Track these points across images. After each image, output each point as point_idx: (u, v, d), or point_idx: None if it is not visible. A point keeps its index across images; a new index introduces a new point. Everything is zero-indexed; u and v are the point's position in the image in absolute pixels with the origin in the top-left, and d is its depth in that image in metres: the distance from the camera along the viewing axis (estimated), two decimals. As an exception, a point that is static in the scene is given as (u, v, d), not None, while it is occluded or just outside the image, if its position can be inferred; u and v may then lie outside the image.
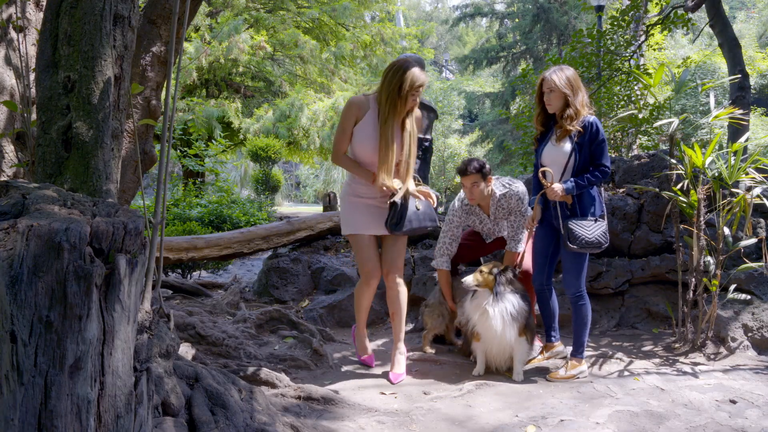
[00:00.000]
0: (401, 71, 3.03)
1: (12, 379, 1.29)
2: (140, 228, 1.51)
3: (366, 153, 3.18)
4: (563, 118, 3.17)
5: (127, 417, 1.49)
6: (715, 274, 3.56)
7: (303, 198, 27.03)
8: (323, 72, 14.19)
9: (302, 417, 2.60)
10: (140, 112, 3.03)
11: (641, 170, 4.75)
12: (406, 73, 3.01)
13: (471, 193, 3.58)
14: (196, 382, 2.33)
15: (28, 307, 1.30)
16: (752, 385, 3.09)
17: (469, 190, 3.57)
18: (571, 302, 3.29)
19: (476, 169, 3.51)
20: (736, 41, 6.66)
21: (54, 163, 1.96)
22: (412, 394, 3.04)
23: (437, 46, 35.27)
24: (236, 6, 13.19)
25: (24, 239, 1.31)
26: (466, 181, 3.55)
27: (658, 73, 3.93)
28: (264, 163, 15.06)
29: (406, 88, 3.02)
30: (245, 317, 4.10)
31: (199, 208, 7.67)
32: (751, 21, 25.13)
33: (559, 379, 3.24)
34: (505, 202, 3.65)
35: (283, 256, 5.20)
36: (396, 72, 3.04)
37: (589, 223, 3.14)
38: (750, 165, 3.52)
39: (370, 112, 3.15)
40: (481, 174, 3.52)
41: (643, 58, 8.61)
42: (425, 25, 17.93)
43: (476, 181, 3.52)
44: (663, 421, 2.63)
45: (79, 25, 1.97)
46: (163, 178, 1.96)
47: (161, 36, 3.02)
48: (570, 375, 3.26)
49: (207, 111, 12.21)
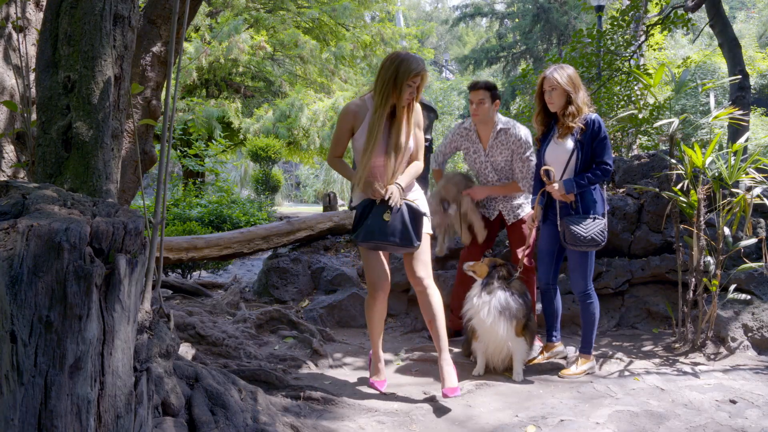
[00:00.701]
0: (398, 60, 2.84)
1: (12, 379, 1.29)
2: (140, 228, 1.51)
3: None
4: (565, 116, 3.17)
5: (127, 417, 1.49)
6: (715, 274, 3.56)
7: (303, 198, 27.02)
8: (323, 72, 14.20)
9: (302, 417, 2.60)
10: (140, 112, 3.03)
11: (641, 170, 4.75)
12: (402, 62, 2.82)
13: (476, 110, 3.55)
14: (196, 382, 2.33)
15: (28, 307, 1.30)
16: (752, 385, 3.09)
17: (475, 106, 3.55)
18: (580, 301, 3.30)
19: (486, 86, 3.53)
20: (736, 41, 6.66)
21: (54, 163, 1.96)
22: (411, 394, 3.04)
23: (437, 46, 35.27)
24: (236, 6, 13.19)
25: (24, 239, 1.31)
26: (474, 97, 3.54)
27: (658, 73, 3.93)
28: (264, 163, 15.07)
29: (402, 78, 2.80)
30: (245, 317, 4.10)
31: (199, 208, 7.67)
32: (751, 21, 25.13)
33: (571, 375, 3.25)
34: (504, 138, 3.60)
35: (283, 256, 5.19)
36: (393, 61, 2.85)
37: (586, 221, 3.15)
38: (750, 165, 3.52)
39: (369, 114, 2.95)
40: (490, 93, 3.53)
41: (643, 58, 8.61)
42: (425, 25, 17.94)
43: (483, 98, 3.52)
44: (663, 421, 2.63)
45: (79, 25, 1.97)
46: (163, 178, 1.96)
47: (161, 36, 3.02)
48: (581, 371, 3.28)
49: (207, 111, 12.21)
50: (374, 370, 3.19)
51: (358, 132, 2.96)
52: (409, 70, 2.80)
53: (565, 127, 3.18)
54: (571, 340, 3.95)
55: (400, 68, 2.81)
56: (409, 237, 2.84)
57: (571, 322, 4.26)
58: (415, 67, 2.82)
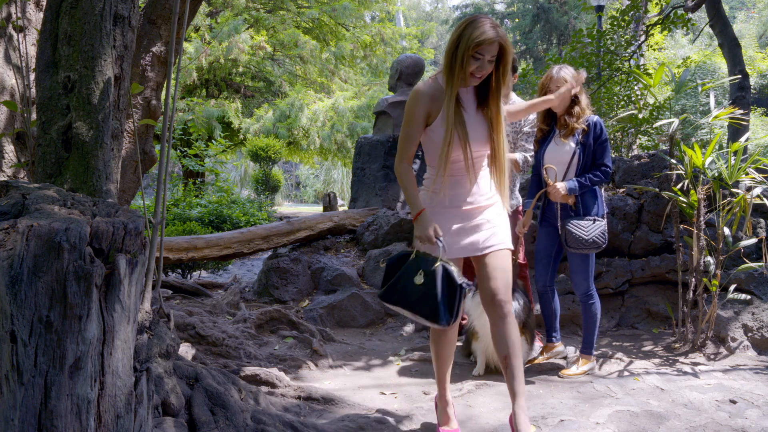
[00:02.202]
0: (465, 23, 2.18)
1: (12, 379, 1.29)
2: (140, 228, 1.51)
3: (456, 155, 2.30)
4: (570, 116, 3.17)
5: (127, 417, 1.49)
6: (715, 274, 3.56)
7: (303, 198, 27.04)
8: (323, 72, 14.21)
9: (302, 417, 2.60)
10: (140, 112, 3.03)
11: (641, 170, 4.75)
12: (468, 26, 2.15)
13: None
14: (196, 382, 2.33)
15: (28, 307, 1.30)
16: (752, 385, 3.09)
17: None
18: (582, 302, 3.30)
19: None
20: (736, 41, 6.66)
21: (54, 163, 1.96)
22: (412, 395, 3.04)
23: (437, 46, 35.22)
24: (236, 6, 13.20)
25: (24, 239, 1.31)
26: None
27: (658, 73, 3.93)
28: (264, 163, 15.07)
29: (464, 45, 2.13)
30: (245, 317, 4.10)
31: (199, 208, 7.67)
32: (751, 21, 25.14)
33: (572, 376, 3.26)
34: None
35: (283, 256, 5.19)
36: (460, 25, 2.20)
37: (587, 223, 3.14)
38: (750, 165, 3.52)
39: None
40: None
41: (643, 58, 8.61)
42: (425, 25, 17.94)
43: None
44: (663, 421, 2.63)
45: (79, 25, 1.97)
46: (163, 178, 1.96)
47: (161, 36, 3.02)
48: (582, 371, 3.28)
49: (207, 111, 12.22)
50: (442, 417, 2.51)
51: (436, 122, 2.28)
52: (471, 38, 2.12)
53: (569, 128, 3.17)
54: (571, 340, 3.95)
55: (464, 35, 2.15)
56: (435, 311, 2.16)
57: (571, 322, 4.26)
58: (479, 35, 2.11)
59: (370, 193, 6.20)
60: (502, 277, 2.32)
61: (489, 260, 2.33)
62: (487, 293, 2.32)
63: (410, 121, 2.29)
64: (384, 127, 6.48)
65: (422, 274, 2.18)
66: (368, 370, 3.48)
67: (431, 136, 2.30)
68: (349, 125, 12.92)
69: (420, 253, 2.24)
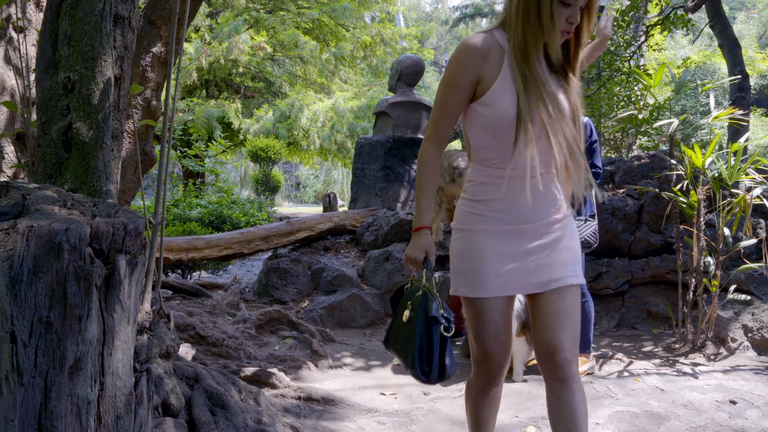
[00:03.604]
0: None
1: (12, 380, 1.29)
2: (140, 228, 1.51)
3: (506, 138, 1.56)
4: None
5: (127, 417, 1.49)
6: (715, 274, 3.56)
7: (303, 198, 27.03)
8: (323, 72, 14.21)
9: (302, 417, 2.60)
10: (140, 113, 3.03)
11: (641, 171, 4.76)
12: None
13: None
14: (196, 383, 2.33)
15: (28, 307, 1.30)
16: (752, 385, 3.09)
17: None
18: None
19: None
20: (736, 42, 6.67)
21: (54, 163, 1.96)
22: (412, 395, 3.04)
23: (437, 46, 35.22)
24: (236, 6, 13.20)
25: (24, 240, 1.31)
26: None
27: (658, 73, 3.93)
28: (264, 163, 15.07)
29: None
30: (245, 318, 4.10)
31: (199, 209, 7.68)
32: (751, 21, 25.15)
33: None
34: None
35: (283, 257, 5.19)
36: None
37: (578, 224, 3.16)
38: (750, 165, 3.52)
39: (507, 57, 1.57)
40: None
41: (643, 59, 8.61)
42: (425, 26, 17.94)
43: None
44: (663, 421, 2.63)
45: (79, 25, 1.97)
46: (163, 179, 1.96)
47: (161, 36, 3.02)
48: (581, 371, 3.28)
49: (207, 111, 12.22)
50: None
51: (492, 92, 1.57)
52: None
53: None
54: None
55: None
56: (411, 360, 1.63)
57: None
58: None
59: (370, 193, 6.20)
60: (569, 326, 1.61)
61: (550, 300, 1.62)
62: (543, 348, 1.61)
63: (450, 85, 1.59)
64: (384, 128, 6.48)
65: (409, 308, 1.68)
66: (368, 371, 3.48)
67: (483, 113, 1.58)
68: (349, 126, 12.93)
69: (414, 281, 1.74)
